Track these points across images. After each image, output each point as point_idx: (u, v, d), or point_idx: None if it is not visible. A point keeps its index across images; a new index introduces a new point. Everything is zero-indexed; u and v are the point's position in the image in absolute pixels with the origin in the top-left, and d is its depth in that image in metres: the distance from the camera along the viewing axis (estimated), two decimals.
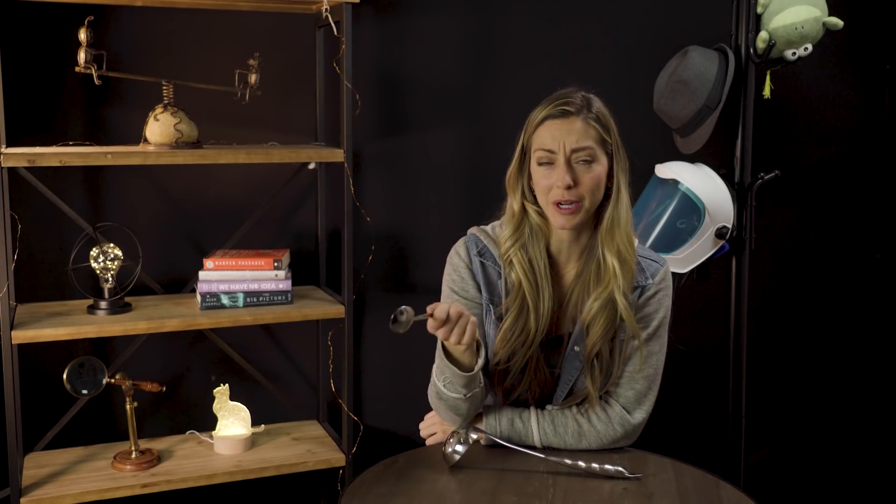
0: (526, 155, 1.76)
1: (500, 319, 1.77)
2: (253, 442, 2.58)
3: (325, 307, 2.52)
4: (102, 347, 2.59)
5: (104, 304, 2.39)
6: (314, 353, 2.79)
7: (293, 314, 2.47)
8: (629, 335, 1.76)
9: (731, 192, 2.57)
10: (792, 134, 3.19)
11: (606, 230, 1.73)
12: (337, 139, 2.54)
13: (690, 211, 2.54)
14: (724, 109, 2.55)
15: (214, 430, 2.55)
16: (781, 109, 3.05)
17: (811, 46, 2.52)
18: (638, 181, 1.90)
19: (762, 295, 3.08)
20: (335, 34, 2.44)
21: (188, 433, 2.66)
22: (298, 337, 2.77)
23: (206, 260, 2.48)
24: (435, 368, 1.71)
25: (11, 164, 2.20)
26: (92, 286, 2.46)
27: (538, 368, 1.78)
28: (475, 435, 1.71)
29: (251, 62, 2.44)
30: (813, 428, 3.36)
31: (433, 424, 1.90)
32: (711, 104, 2.53)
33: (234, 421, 2.55)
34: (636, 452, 1.77)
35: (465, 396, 1.68)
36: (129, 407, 2.41)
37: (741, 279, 2.66)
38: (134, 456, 2.42)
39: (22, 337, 2.22)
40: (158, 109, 2.40)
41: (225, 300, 2.47)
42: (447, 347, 1.64)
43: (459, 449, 1.66)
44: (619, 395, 1.78)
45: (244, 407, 2.56)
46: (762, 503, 1.58)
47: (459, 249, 1.83)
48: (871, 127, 3.30)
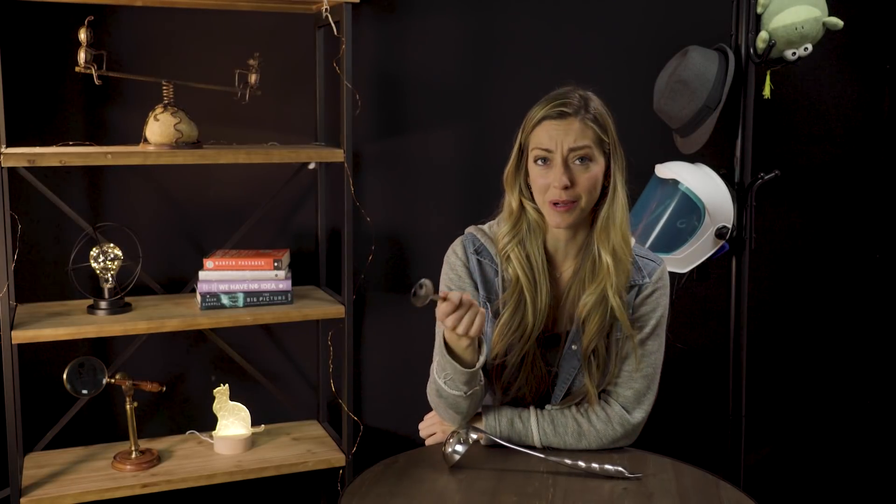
0: (523, 153, 1.76)
1: (496, 316, 1.77)
2: (253, 442, 2.58)
3: (325, 307, 2.52)
4: (102, 347, 2.59)
5: (104, 304, 2.39)
6: (314, 353, 2.79)
7: (293, 314, 2.47)
8: (624, 334, 1.76)
9: (731, 192, 2.57)
10: (792, 134, 3.19)
11: (602, 228, 1.74)
12: (337, 139, 2.54)
13: (690, 211, 2.54)
14: (724, 109, 2.55)
15: (214, 430, 2.55)
16: (781, 109, 3.05)
17: (811, 46, 2.52)
18: (636, 181, 1.90)
19: (762, 295, 3.08)
20: (335, 34, 2.44)
21: (188, 433, 2.66)
22: (298, 337, 2.77)
23: (206, 260, 2.48)
24: (435, 366, 1.71)
25: (11, 164, 2.20)
26: (92, 286, 2.46)
27: (535, 364, 1.78)
28: (475, 435, 1.71)
29: (251, 62, 2.44)
30: (813, 428, 3.36)
31: (433, 424, 1.90)
32: (711, 104, 2.53)
33: (234, 421, 2.55)
34: (636, 452, 1.77)
35: (465, 394, 1.69)
36: (129, 407, 2.41)
37: (741, 279, 2.66)
38: (134, 456, 2.42)
39: (22, 337, 2.22)
40: (158, 109, 2.40)
41: (225, 300, 2.47)
42: (450, 343, 1.64)
43: (459, 449, 1.66)
44: (618, 394, 1.79)
45: (244, 407, 2.56)
46: (762, 503, 1.58)
47: (456, 248, 1.83)
48: (871, 127, 3.30)
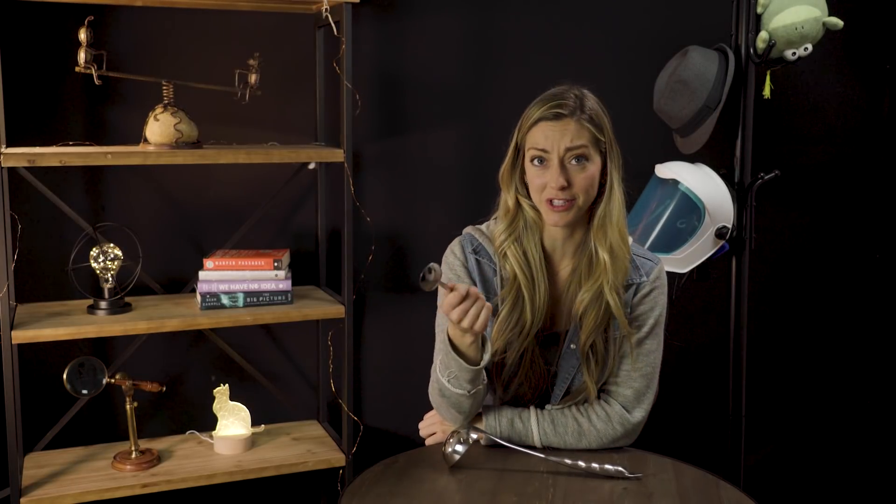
0: (519, 152, 1.77)
1: (495, 314, 1.78)
2: (253, 442, 2.58)
3: (325, 307, 2.52)
4: (102, 347, 2.59)
5: (104, 304, 2.39)
6: (314, 353, 2.79)
7: (293, 314, 2.47)
8: (622, 333, 1.76)
9: (731, 192, 2.57)
10: (792, 134, 3.19)
11: (599, 226, 1.75)
12: (337, 139, 2.54)
13: (690, 211, 2.54)
14: (724, 109, 2.55)
15: (214, 430, 2.55)
16: (781, 109, 3.05)
17: (811, 46, 2.52)
18: (636, 181, 1.91)
19: (762, 295, 3.08)
20: (335, 34, 2.44)
21: (188, 433, 2.66)
22: (298, 337, 2.77)
23: (206, 260, 2.48)
24: (438, 364, 1.71)
25: (11, 164, 2.20)
26: (92, 286, 2.46)
27: (534, 362, 1.79)
28: (475, 435, 1.71)
29: (251, 62, 2.44)
30: (813, 428, 3.36)
31: (433, 424, 1.90)
32: (711, 104, 2.53)
33: (234, 421, 2.55)
34: (636, 452, 1.77)
35: (468, 393, 1.69)
36: (129, 407, 2.41)
37: (741, 279, 2.66)
38: (134, 456, 2.42)
39: (22, 337, 2.22)
40: (158, 109, 2.40)
41: (225, 300, 2.47)
42: (454, 340, 1.65)
43: (459, 449, 1.66)
44: (618, 393, 1.79)
45: (244, 407, 2.56)
46: (762, 503, 1.58)
47: (455, 248, 1.83)
48: (871, 127, 3.30)
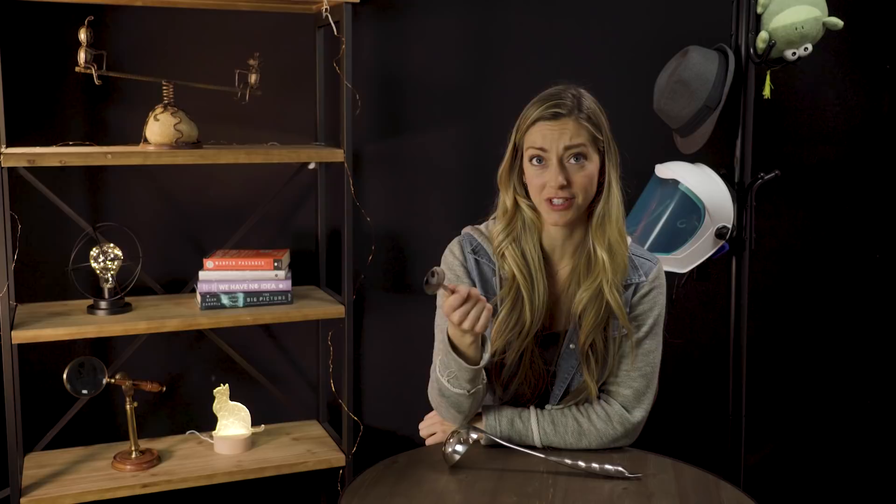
0: (518, 152, 1.77)
1: (494, 314, 1.77)
2: (253, 442, 2.58)
3: (325, 307, 2.52)
4: (102, 347, 2.59)
5: (104, 304, 2.39)
6: (314, 353, 2.79)
7: (293, 314, 2.47)
8: (621, 332, 1.76)
9: (731, 192, 2.57)
10: (792, 134, 3.19)
11: (598, 225, 1.75)
12: (337, 139, 2.54)
13: (690, 211, 2.54)
14: (724, 109, 2.54)
15: (214, 430, 2.55)
16: (781, 109, 3.05)
17: (811, 46, 2.52)
18: (636, 181, 1.91)
19: (762, 295, 3.08)
20: (335, 34, 2.44)
21: (188, 433, 2.66)
22: (298, 337, 2.77)
23: (206, 260, 2.48)
24: (438, 364, 1.71)
25: (11, 164, 2.20)
26: (92, 286, 2.46)
27: (533, 362, 1.79)
28: (475, 435, 1.70)
29: (251, 62, 2.44)
30: (813, 428, 3.36)
31: (433, 424, 1.90)
32: (711, 104, 2.53)
33: (234, 421, 2.55)
34: (636, 452, 1.77)
35: (468, 393, 1.69)
36: (129, 407, 2.41)
37: (741, 279, 2.66)
38: (134, 456, 2.42)
39: (22, 337, 2.22)
40: (158, 109, 2.40)
41: (225, 300, 2.47)
42: (454, 340, 1.65)
43: (459, 449, 1.66)
44: (617, 393, 1.79)
45: (244, 407, 2.56)
46: (762, 503, 1.58)
47: (454, 248, 1.83)
48: (871, 127, 3.30)
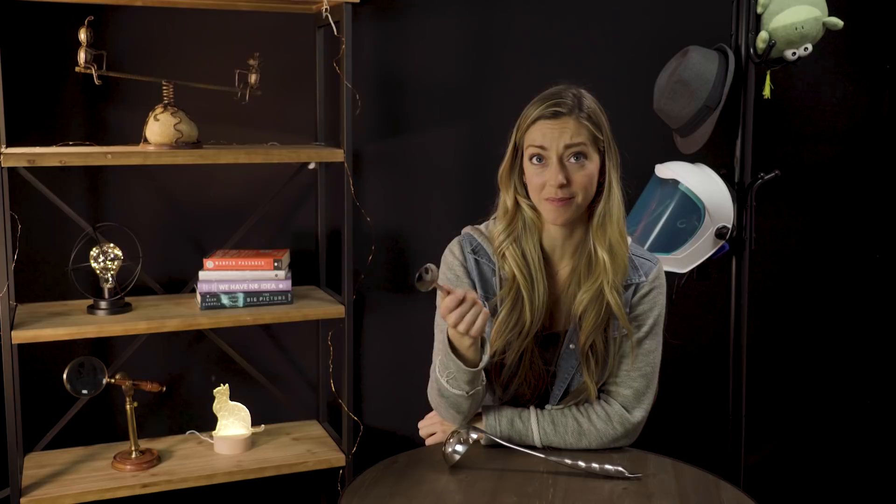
0: (518, 152, 1.77)
1: (494, 314, 1.78)
2: (253, 442, 2.58)
3: (325, 307, 2.52)
4: (102, 347, 2.59)
5: (104, 304, 2.39)
6: (314, 353, 2.79)
7: (293, 314, 2.47)
8: (621, 333, 1.76)
9: (731, 192, 2.57)
10: (792, 134, 3.19)
11: (598, 225, 1.75)
12: (337, 139, 2.54)
13: (690, 211, 2.54)
14: (724, 109, 2.54)
15: (214, 430, 2.55)
16: (781, 109, 3.05)
17: (811, 46, 2.52)
18: (636, 181, 1.91)
19: (762, 295, 3.08)
20: (335, 34, 2.44)
21: (188, 433, 2.66)
22: (298, 337, 2.77)
23: (206, 260, 2.48)
24: (437, 365, 1.71)
25: (11, 164, 2.20)
26: (92, 286, 2.46)
27: (533, 362, 1.79)
28: (475, 435, 1.70)
29: (251, 62, 2.44)
30: (813, 428, 3.36)
31: (433, 424, 1.90)
32: (711, 104, 2.53)
33: (234, 421, 2.55)
34: (636, 452, 1.77)
35: (467, 394, 1.69)
36: (129, 407, 2.41)
37: (741, 279, 2.66)
38: (134, 456, 2.42)
39: (22, 337, 2.22)
40: (158, 109, 2.40)
41: (225, 300, 2.47)
42: (453, 341, 1.65)
43: (459, 449, 1.66)
44: (617, 393, 1.79)
45: (244, 407, 2.56)
46: (762, 503, 1.58)
47: (454, 248, 1.83)
48: (871, 127, 3.30)
